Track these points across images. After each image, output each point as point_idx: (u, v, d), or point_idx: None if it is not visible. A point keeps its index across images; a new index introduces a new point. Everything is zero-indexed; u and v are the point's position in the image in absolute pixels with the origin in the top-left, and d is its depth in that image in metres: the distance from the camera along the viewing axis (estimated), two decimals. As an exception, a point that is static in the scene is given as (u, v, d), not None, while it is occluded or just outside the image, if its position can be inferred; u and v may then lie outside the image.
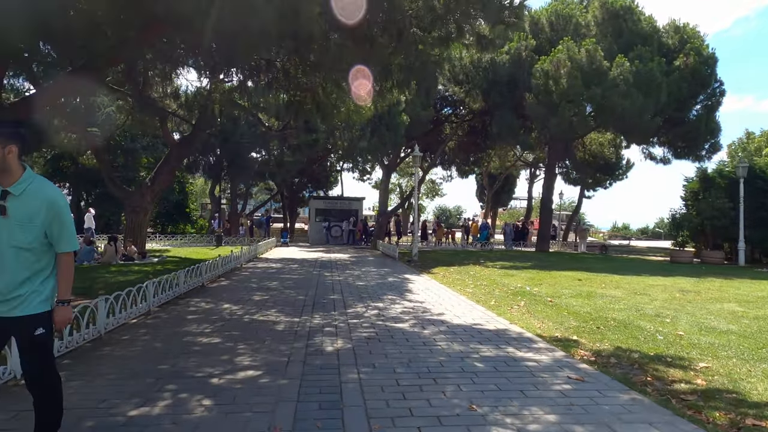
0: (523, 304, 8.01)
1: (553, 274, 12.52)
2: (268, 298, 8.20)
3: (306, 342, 5.30)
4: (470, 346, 5.20)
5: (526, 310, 7.51)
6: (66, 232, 2.54)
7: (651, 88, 16.40)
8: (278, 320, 6.45)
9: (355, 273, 12.46)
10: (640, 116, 16.62)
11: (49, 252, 2.55)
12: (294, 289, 9.28)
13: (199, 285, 9.41)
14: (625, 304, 8.07)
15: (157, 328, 5.92)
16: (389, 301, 8.08)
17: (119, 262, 13.52)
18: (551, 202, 23.18)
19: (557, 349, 5.19)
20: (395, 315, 6.91)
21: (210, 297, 8.24)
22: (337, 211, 27.20)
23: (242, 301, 7.85)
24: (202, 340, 5.33)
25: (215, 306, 7.44)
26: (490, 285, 10.33)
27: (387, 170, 24.35)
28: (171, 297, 7.71)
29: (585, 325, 6.42)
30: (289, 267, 13.74)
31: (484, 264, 15.23)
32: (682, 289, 10.00)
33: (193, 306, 7.42)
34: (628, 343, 5.47)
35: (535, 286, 10.07)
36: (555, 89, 16.76)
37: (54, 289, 2.59)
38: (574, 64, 16.60)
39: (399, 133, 16.91)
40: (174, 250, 18.32)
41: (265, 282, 10.34)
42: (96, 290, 8.31)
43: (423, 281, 10.95)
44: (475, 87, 18.09)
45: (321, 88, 8.42)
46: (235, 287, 9.49)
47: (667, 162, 23.27)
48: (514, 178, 44.21)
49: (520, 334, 5.86)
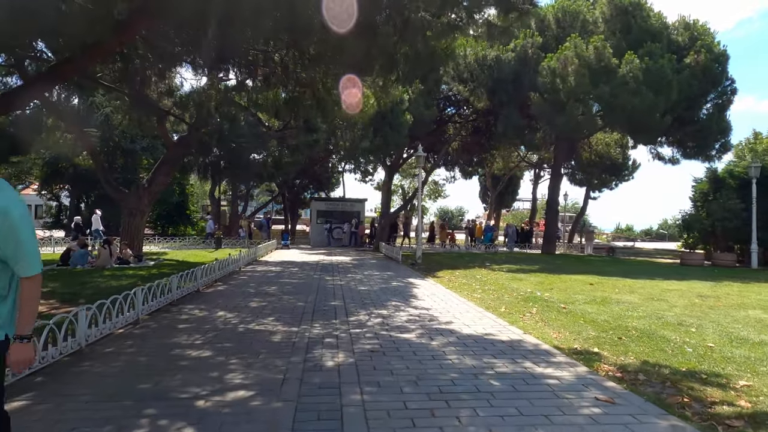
0: (536, 311, 7.56)
1: (563, 278, 12.07)
2: (266, 305, 7.77)
3: (304, 356, 4.87)
4: (484, 361, 4.76)
5: (540, 317, 7.05)
6: (23, 251, 2.02)
7: (662, 85, 15.93)
8: (275, 330, 6.02)
9: (357, 277, 12.03)
10: (650, 115, 16.15)
11: (2, 271, 2.06)
12: (293, 295, 8.85)
13: (194, 290, 8.99)
14: (644, 311, 7.61)
15: (145, 338, 5.49)
16: (393, 308, 7.64)
17: (114, 265, 13.11)
18: (557, 204, 22.70)
19: (579, 364, 4.74)
20: (400, 324, 6.47)
21: (204, 303, 7.81)
22: (339, 212, 26.78)
23: (238, 308, 7.42)
24: (190, 354, 4.90)
25: (209, 313, 7.02)
26: (498, 290, 9.88)
27: (389, 171, 23.92)
28: (163, 304, 7.29)
29: (605, 335, 5.97)
30: (289, 271, 13.32)
31: (491, 267, 14.79)
32: (700, 295, 9.54)
33: (185, 313, 7.00)
34: (655, 357, 5.02)
35: (545, 291, 9.62)
36: (562, 87, 16.31)
37: (10, 314, 2.09)
38: (581, 62, 16.15)
39: (402, 133, 16.47)
40: (172, 253, 17.92)
41: (263, 287, 9.92)
42: (84, 296, 7.91)
43: (428, 286, 10.51)
44: (479, 85, 17.64)
45: (321, 83, 7.99)
46: (232, 292, 9.06)
47: (675, 162, 22.76)
48: (518, 179, 43.70)
49: (537, 345, 5.42)
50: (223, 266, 11.29)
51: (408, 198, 30.30)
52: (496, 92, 17.96)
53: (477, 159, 29.46)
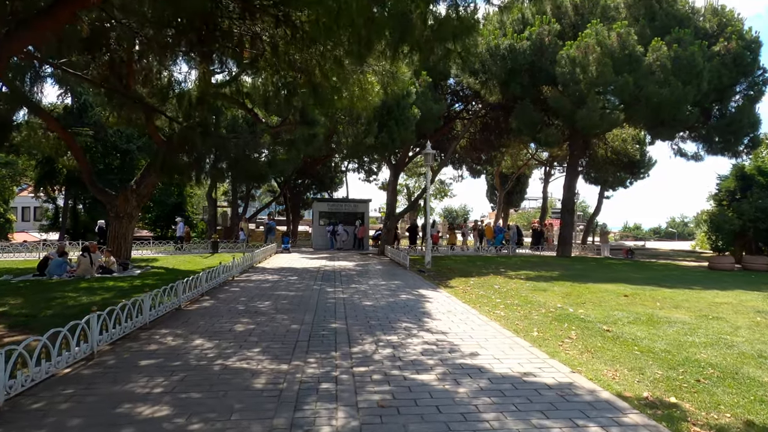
0: (575, 335, 6.33)
1: (591, 288, 10.82)
2: (254, 328, 6.58)
3: (292, 415, 3.66)
4: (532, 423, 3.54)
5: (583, 345, 5.83)
6: None
7: (691, 75, 14.62)
8: (259, 368, 4.82)
9: (362, 287, 10.82)
10: (678, 107, 14.85)
11: None
12: (288, 313, 7.66)
13: (175, 308, 7.83)
14: (705, 335, 6.37)
15: (91, 385, 4.31)
16: (405, 333, 6.43)
17: (95, 275, 11.97)
18: (573, 203, 21.39)
19: (660, 425, 3.52)
20: (415, 357, 5.26)
21: (183, 326, 6.63)
22: (342, 213, 25.59)
23: (220, 334, 6.23)
24: (142, 412, 3.71)
25: (184, 341, 5.83)
26: (523, 304, 8.65)
27: (395, 170, 22.67)
28: (131, 329, 6.12)
29: (675, 374, 4.74)
30: (287, 280, 12.13)
31: (506, 274, 13.55)
32: (757, 310, 8.27)
33: (155, 342, 5.81)
34: (759, 413, 3.79)
35: (577, 306, 8.38)
36: (583, 78, 15.01)
37: None
38: (603, 50, 14.85)
39: (409, 129, 15.22)
40: (164, 259, 16.78)
41: (255, 302, 8.73)
42: (41, 320, 6.74)
43: (442, 299, 9.28)
44: (492, 77, 16.37)
45: (318, 68, 6.79)
46: (218, 310, 7.88)
47: (699, 159, 21.42)
48: (526, 178, 42.40)
49: (594, 392, 4.19)
50: (211, 277, 10.13)
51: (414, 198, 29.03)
52: (510, 84, 16.67)
53: (486, 157, 28.18)
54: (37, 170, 29.64)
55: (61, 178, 29.25)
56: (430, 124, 17.35)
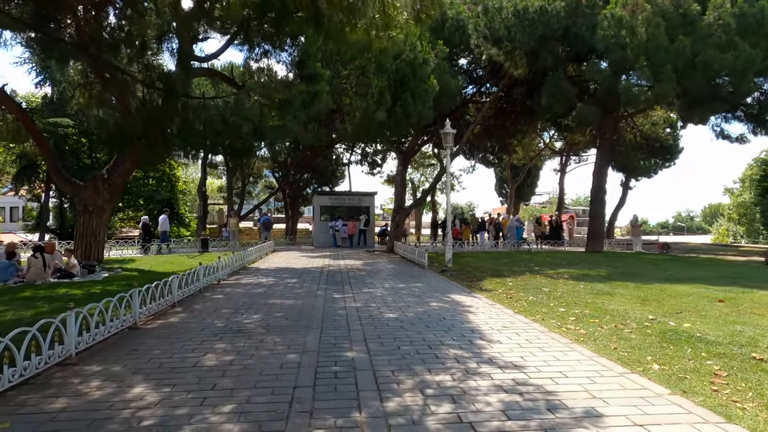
0: (719, 369, 4.15)
1: (665, 290, 8.64)
2: (231, 361, 4.40)
3: None
4: None
5: (748, 388, 3.64)
6: None
7: (760, 37, 12.39)
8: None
9: (378, 292, 8.63)
10: (743, 75, 12.60)
11: None
12: (283, 333, 5.48)
13: (129, 325, 5.67)
14: None
15: None
16: (459, 368, 4.23)
17: (50, 280, 9.79)
18: (604, 192, 19.10)
19: None
20: (498, 424, 3.07)
21: (126, 359, 4.45)
22: (346, 208, 23.40)
23: (177, 374, 4.05)
24: None
25: (114, 392, 3.65)
26: (598, 315, 6.46)
27: (404, 158, 20.47)
28: (43, 367, 3.95)
29: None
30: (284, 283, 9.94)
31: (544, 273, 11.36)
32: None
33: (69, 394, 3.63)
34: None
35: (677, 318, 6.19)
36: (630, 42, 12.78)
37: None
38: (654, 8, 12.62)
39: (427, 103, 12.97)
40: (142, 260, 14.60)
41: (240, 314, 6.55)
42: None
43: (486, 308, 7.08)
44: (519, 45, 14.12)
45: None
46: (187, 329, 5.70)
47: (743, 141, 19.19)
48: (538, 170, 40.25)
49: None
50: (188, 282, 7.96)
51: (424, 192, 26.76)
52: (539, 54, 14.41)
53: (500, 145, 25.93)
54: (17, 163, 27.46)
55: (42, 174, 27.07)
56: (447, 101, 15.12)
